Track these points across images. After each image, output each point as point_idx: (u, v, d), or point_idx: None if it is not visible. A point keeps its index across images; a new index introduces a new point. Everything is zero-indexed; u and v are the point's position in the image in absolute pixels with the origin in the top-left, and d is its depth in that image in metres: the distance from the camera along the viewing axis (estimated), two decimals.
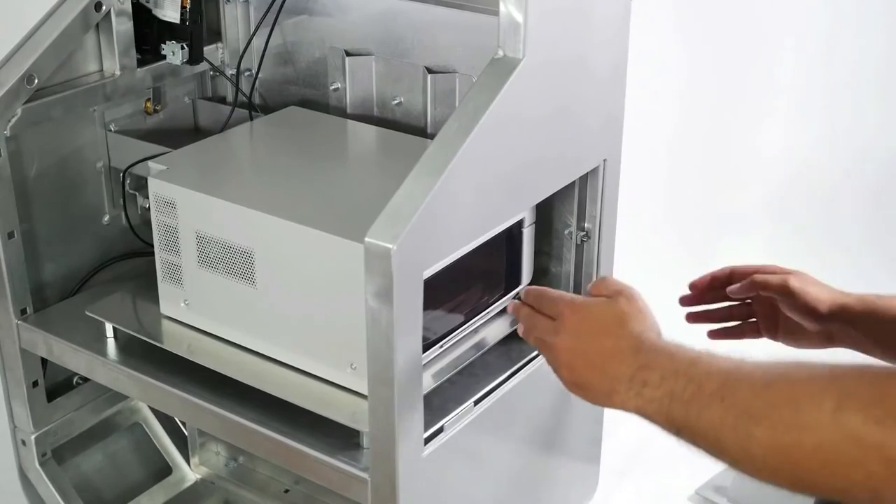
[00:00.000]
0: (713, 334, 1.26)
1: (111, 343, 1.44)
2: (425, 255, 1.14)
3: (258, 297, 1.31)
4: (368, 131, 1.52)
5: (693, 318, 1.26)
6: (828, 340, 1.22)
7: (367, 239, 1.10)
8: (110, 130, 1.56)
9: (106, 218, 1.59)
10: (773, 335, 1.25)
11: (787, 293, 1.19)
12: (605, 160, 1.41)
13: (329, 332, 1.26)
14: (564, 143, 1.33)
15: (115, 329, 1.44)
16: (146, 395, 1.44)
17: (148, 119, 1.61)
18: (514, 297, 1.41)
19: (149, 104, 1.60)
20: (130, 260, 1.60)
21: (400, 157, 1.39)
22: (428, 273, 1.16)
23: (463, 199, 1.17)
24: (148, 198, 1.39)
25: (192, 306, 1.39)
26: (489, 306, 1.39)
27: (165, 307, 1.42)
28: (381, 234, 1.09)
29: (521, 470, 1.43)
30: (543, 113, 1.26)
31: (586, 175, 1.41)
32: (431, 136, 1.48)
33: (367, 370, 1.15)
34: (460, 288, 1.30)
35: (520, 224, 1.36)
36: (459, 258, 1.22)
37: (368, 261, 1.10)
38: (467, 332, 1.36)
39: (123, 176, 1.56)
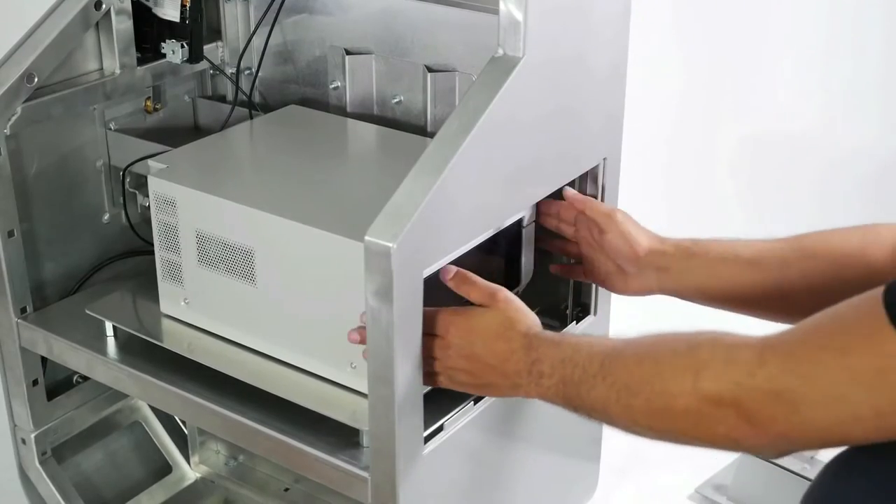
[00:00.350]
0: (553, 268, 1.44)
1: (111, 342, 1.44)
2: (425, 253, 1.14)
3: (258, 295, 1.32)
4: (368, 130, 1.53)
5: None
6: (647, 287, 1.33)
7: (367, 238, 1.10)
8: (110, 129, 1.56)
9: (106, 216, 1.59)
10: (596, 277, 1.38)
11: (609, 223, 1.33)
12: (604, 159, 1.41)
13: (329, 331, 1.26)
14: (564, 142, 1.33)
15: (114, 328, 1.44)
16: (146, 394, 1.44)
17: (148, 118, 1.61)
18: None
19: (149, 103, 1.60)
20: (130, 258, 1.60)
21: (400, 156, 1.39)
22: (428, 272, 1.16)
23: (463, 197, 1.17)
24: (148, 196, 1.39)
25: (192, 305, 1.39)
26: None
27: (165, 306, 1.42)
28: (381, 232, 1.09)
29: (521, 468, 1.43)
30: (543, 112, 1.26)
31: (586, 174, 1.41)
32: (431, 135, 1.49)
33: (367, 369, 1.15)
34: None
35: (519, 223, 1.36)
36: (459, 257, 1.22)
37: (368, 259, 1.10)
38: None
39: (123, 174, 1.56)
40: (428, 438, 1.23)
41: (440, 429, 1.25)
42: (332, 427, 1.25)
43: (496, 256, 1.35)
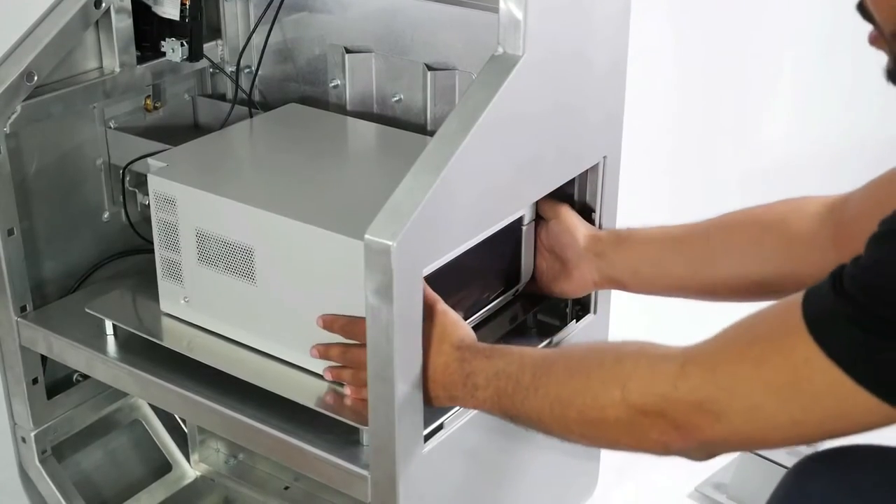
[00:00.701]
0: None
1: (111, 340, 1.44)
2: (425, 252, 1.15)
3: (258, 294, 1.32)
4: (368, 128, 1.53)
5: None
6: (589, 279, 1.36)
7: (366, 236, 1.10)
8: (110, 127, 1.56)
9: (106, 215, 1.59)
10: (541, 281, 1.41)
11: (554, 213, 1.37)
12: (604, 157, 1.41)
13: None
14: (564, 140, 1.33)
15: (114, 326, 1.44)
16: (146, 392, 1.44)
17: (147, 116, 1.61)
18: (513, 294, 1.42)
19: (148, 101, 1.60)
20: (130, 257, 1.60)
21: (399, 154, 1.39)
22: (427, 270, 1.16)
23: (462, 196, 1.17)
24: (147, 195, 1.39)
25: (192, 303, 1.39)
26: (488, 304, 1.39)
27: (165, 304, 1.42)
28: (381, 231, 1.10)
29: (520, 467, 1.43)
30: (543, 110, 1.26)
31: (586, 172, 1.41)
32: (431, 133, 1.49)
33: (368, 367, 1.15)
34: (459, 286, 1.30)
35: (519, 221, 1.36)
36: (459, 256, 1.22)
37: (368, 258, 1.10)
38: None
39: (123, 173, 1.56)
40: (428, 437, 1.23)
41: (440, 427, 1.25)
42: (332, 425, 1.26)
43: (496, 255, 1.35)
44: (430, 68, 1.49)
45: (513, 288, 1.41)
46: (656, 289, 1.33)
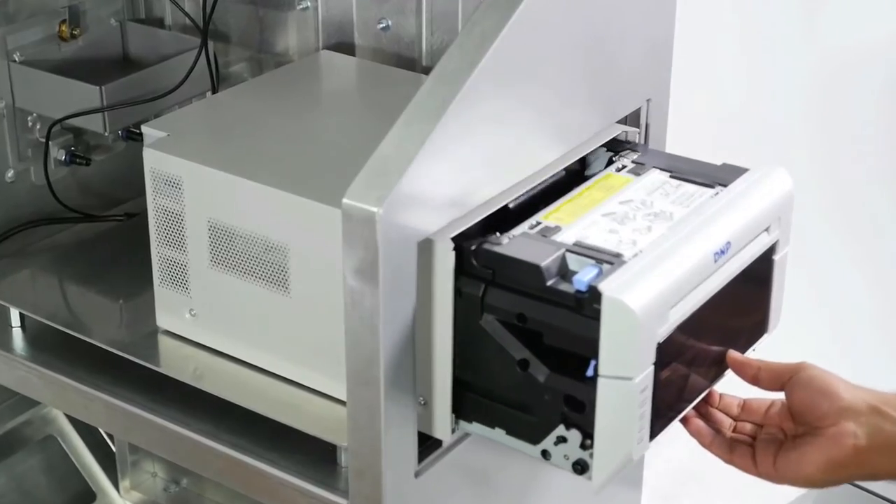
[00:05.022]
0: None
1: (17, 333, 1.45)
2: (420, 220, 1.15)
3: (293, 307, 1.30)
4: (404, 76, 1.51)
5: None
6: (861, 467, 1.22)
7: (345, 200, 1.10)
8: (14, 61, 1.56)
9: (10, 174, 1.59)
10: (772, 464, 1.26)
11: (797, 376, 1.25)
12: (648, 100, 1.41)
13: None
14: (596, 79, 1.34)
15: (22, 316, 1.45)
16: (62, 401, 1.45)
17: (63, 47, 1.61)
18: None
19: (64, 27, 1.61)
20: (44, 227, 1.60)
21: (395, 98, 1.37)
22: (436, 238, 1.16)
23: (466, 150, 1.17)
24: (63, 148, 1.39)
25: (200, 317, 1.38)
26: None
27: (164, 318, 1.41)
28: (362, 194, 1.10)
29: (540, 494, 1.44)
30: (569, 40, 1.26)
31: (625, 119, 1.41)
32: (427, 71, 1.49)
33: (346, 368, 1.16)
34: (695, 348, 1.22)
35: (771, 251, 1.28)
36: (697, 308, 1.17)
37: (347, 228, 1.11)
38: None
39: (49, 130, 1.55)
40: (422, 456, 1.24)
41: (438, 444, 1.26)
42: (301, 441, 1.27)
43: (739, 300, 1.27)
44: None
45: (759, 338, 1.35)
46: None
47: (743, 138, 2.31)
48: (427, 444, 1.24)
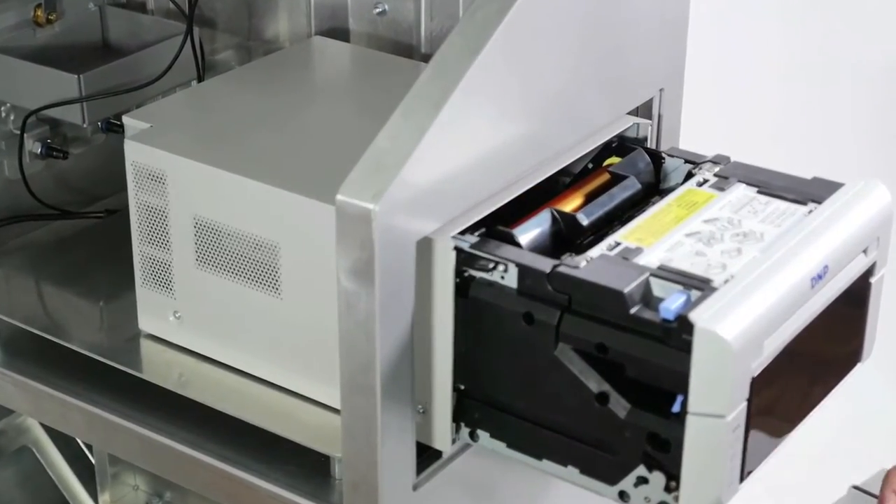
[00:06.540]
0: None
1: None
2: (420, 217, 1.15)
3: (283, 310, 1.31)
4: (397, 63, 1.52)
5: None
6: None
7: (338, 197, 1.11)
8: None
9: None
10: None
11: None
12: (661, 90, 1.42)
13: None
14: (605, 67, 1.34)
15: None
16: (37, 409, 1.46)
17: (39, 32, 1.62)
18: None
19: (39, 11, 1.61)
20: (20, 224, 1.61)
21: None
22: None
23: (469, 142, 1.18)
24: (39, 141, 1.40)
25: (185, 320, 1.39)
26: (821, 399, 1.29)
27: (146, 321, 1.42)
28: (357, 190, 1.11)
29: None
30: (575, 24, 1.27)
31: (636, 110, 1.42)
32: (426, 58, 1.50)
33: (340, 374, 1.17)
34: (786, 384, 1.20)
35: (868, 273, 1.26)
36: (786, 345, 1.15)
37: (342, 226, 1.11)
38: None
39: (25, 121, 1.55)
40: (421, 467, 1.25)
41: (437, 455, 1.27)
42: (293, 452, 1.27)
43: (832, 328, 1.25)
44: None
45: (853, 367, 1.34)
46: None
47: (765, 133, 2.31)
48: (426, 456, 1.25)
